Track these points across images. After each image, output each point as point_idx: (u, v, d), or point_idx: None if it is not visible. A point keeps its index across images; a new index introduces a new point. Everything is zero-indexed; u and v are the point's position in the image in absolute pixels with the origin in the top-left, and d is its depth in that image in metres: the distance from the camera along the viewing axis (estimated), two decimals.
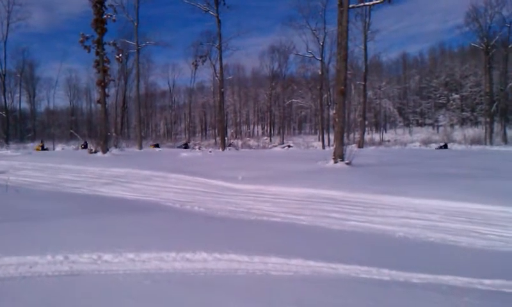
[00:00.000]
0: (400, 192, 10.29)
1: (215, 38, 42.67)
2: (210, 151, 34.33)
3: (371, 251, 5.97)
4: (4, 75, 58.92)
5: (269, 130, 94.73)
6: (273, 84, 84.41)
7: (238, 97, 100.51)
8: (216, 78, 50.19)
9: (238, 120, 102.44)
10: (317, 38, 50.32)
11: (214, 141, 68.89)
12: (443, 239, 7.01)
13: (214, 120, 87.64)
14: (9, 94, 72.27)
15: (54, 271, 4.41)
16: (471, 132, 56.97)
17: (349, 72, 39.33)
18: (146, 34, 49.55)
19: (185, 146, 46.38)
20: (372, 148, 42.24)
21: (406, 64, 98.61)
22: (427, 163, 17.72)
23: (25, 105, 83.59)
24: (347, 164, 16.62)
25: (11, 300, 3.61)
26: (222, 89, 42.81)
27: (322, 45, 50.46)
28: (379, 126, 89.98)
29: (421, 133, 70.90)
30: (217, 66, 45.00)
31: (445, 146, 39.49)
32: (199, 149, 39.84)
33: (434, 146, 42.62)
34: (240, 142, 56.76)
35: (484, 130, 53.23)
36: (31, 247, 5.03)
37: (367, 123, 61.37)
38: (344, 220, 8.48)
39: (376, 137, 68.09)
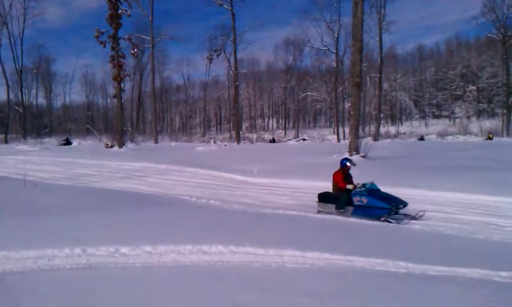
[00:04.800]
0: (416, 184, 10.24)
1: (229, 32, 42.83)
2: (225, 145, 34.43)
3: (388, 243, 5.95)
4: (21, 71, 59.35)
5: (283, 124, 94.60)
6: (288, 77, 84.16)
7: (253, 91, 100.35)
8: (231, 72, 50.26)
9: (253, 114, 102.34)
10: (332, 30, 50.03)
11: (229, 134, 68.88)
12: (460, 232, 6.96)
13: (228, 114, 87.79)
14: (26, 90, 73.19)
15: (72, 264, 4.46)
16: (488, 124, 56.27)
17: (364, 64, 39.03)
18: (161, 29, 49.90)
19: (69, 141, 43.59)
20: (388, 140, 41.93)
21: (422, 55, 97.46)
22: (443, 156, 17.57)
23: (41, 100, 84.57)
24: (363, 156, 16.54)
25: (30, 292, 3.66)
26: (237, 83, 42.87)
27: (337, 38, 50.15)
28: (394, 118, 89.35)
29: (437, 125, 70.25)
30: (232, 60, 45.09)
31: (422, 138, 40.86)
32: (214, 143, 39.93)
33: (450, 138, 42.39)
34: (255, 136, 56.68)
35: (501, 122, 52.42)
36: (49, 241, 5.10)
37: (382, 115, 60.94)
38: None
39: (392, 129, 67.61)
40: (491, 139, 37.23)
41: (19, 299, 3.53)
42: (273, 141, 46.01)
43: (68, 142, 40.96)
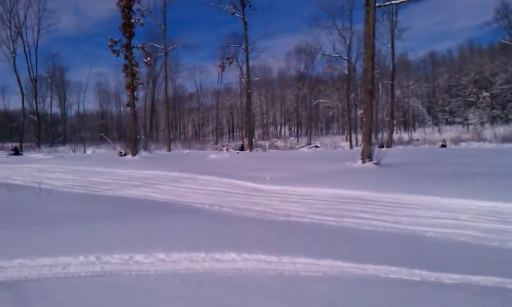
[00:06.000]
0: (429, 191, 10.16)
1: (241, 40, 43.04)
2: (237, 153, 34.49)
3: (401, 251, 5.91)
4: (36, 80, 60.18)
5: (296, 131, 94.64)
6: (300, 84, 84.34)
7: (265, 98, 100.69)
8: (243, 79, 50.43)
9: (265, 121, 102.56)
10: (344, 37, 49.95)
11: (241, 142, 69.07)
12: (475, 239, 6.89)
13: (241, 121, 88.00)
14: (41, 99, 74.35)
15: (86, 272, 4.51)
16: (501, 130, 55.68)
17: (376, 71, 39.01)
18: (173, 37, 50.20)
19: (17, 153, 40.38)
20: (401, 147, 41.74)
21: (435, 62, 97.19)
22: (457, 162, 17.42)
23: (56, 109, 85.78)
24: (376, 163, 16.47)
25: (44, 300, 3.70)
26: (249, 91, 42.96)
27: (349, 45, 50.05)
28: (407, 125, 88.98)
29: (450, 132, 69.72)
30: (244, 68, 45.25)
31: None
32: (226, 150, 40.00)
33: (463, 145, 41.80)
34: (267, 144, 56.72)
35: None
36: (64, 249, 5.15)
37: (395, 122, 60.65)
38: (372, 220, 8.41)
39: (405, 136, 67.21)
40: (445, 146, 37.87)
41: (34, 306, 3.57)
42: (241, 148, 43.05)
43: (17, 153, 39.59)
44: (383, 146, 40.31)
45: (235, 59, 47.62)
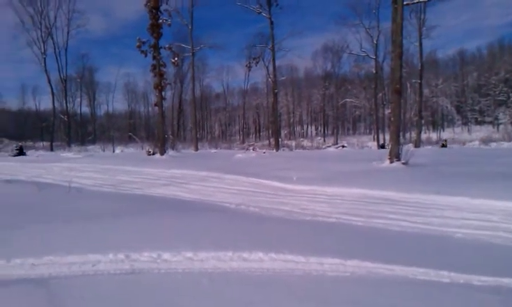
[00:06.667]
0: (459, 192, 10.00)
1: (268, 40, 42.91)
2: (264, 152, 34.47)
3: (429, 252, 5.84)
4: (66, 80, 61.18)
5: (322, 131, 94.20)
6: (326, 84, 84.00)
7: (291, 98, 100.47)
8: (269, 79, 50.30)
9: (291, 121, 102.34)
10: (371, 36, 49.47)
11: (267, 142, 69.02)
12: (504, 240, 6.76)
13: (267, 121, 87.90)
14: (71, 99, 75.67)
15: (116, 269, 4.58)
16: None
17: (404, 70, 38.55)
18: (200, 37, 50.27)
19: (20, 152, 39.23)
20: (429, 147, 41.15)
21: (464, 60, 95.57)
22: (487, 162, 17.08)
23: (85, 109, 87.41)
24: (404, 163, 16.28)
25: (74, 298, 3.77)
26: (275, 91, 42.85)
27: (376, 43, 49.54)
28: (436, 125, 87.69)
29: (480, 131, 68.46)
30: (271, 68, 45.13)
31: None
32: (253, 150, 40.02)
33: (494, 145, 40.95)
34: (293, 143, 56.60)
35: None
36: (93, 246, 5.24)
37: (423, 122, 59.84)
38: (400, 221, 8.33)
39: (433, 136, 66.29)
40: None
41: (64, 303, 3.64)
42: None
43: (21, 152, 38.75)
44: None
45: (261, 59, 47.64)
